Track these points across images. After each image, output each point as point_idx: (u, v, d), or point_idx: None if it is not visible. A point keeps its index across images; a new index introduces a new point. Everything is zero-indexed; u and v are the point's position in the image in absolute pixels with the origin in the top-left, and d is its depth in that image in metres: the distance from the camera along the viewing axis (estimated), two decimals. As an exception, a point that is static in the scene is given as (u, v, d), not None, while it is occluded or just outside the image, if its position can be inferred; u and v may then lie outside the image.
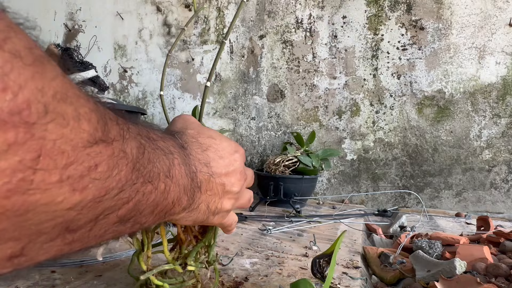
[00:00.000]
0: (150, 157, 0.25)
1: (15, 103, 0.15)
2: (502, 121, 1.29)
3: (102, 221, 0.22)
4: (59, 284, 0.52)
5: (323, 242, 0.81)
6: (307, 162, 1.24)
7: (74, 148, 0.18)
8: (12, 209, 0.16)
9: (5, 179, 0.15)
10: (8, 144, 0.15)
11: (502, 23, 1.28)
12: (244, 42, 1.60)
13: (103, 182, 0.20)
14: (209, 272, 0.59)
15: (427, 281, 0.58)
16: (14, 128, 0.15)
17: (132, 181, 0.23)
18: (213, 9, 1.64)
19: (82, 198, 0.19)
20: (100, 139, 0.20)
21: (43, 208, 0.17)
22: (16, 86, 0.15)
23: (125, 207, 0.23)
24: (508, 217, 1.25)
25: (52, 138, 0.17)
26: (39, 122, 0.16)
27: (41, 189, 0.17)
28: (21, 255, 0.19)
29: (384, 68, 1.41)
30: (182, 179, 0.30)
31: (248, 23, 1.59)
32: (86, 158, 0.19)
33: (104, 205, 0.21)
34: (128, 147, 0.22)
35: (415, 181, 1.38)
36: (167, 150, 0.29)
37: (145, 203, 0.25)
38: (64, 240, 0.20)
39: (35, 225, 0.18)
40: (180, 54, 1.70)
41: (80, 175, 0.19)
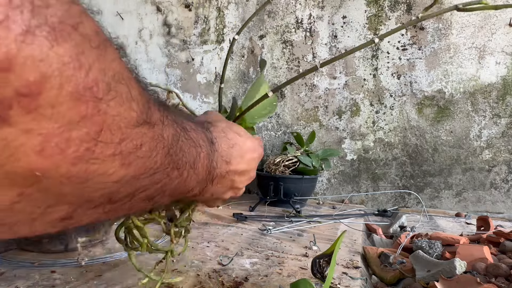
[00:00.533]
0: (182, 146, 0.27)
1: (88, 80, 0.17)
2: (502, 121, 1.29)
3: (135, 197, 0.24)
4: (59, 284, 0.52)
5: (323, 242, 0.81)
6: (307, 162, 1.24)
7: (127, 126, 0.20)
8: (76, 176, 0.18)
9: (74, 147, 0.17)
10: (81, 116, 0.17)
11: (502, 23, 1.28)
12: (244, 42, 1.60)
13: (144, 161, 0.22)
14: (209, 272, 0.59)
15: (427, 281, 0.58)
16: (86, 102, 0.17)
17: (165, 166, 0.25)
18: (213, 9, 1.64)
19: (127, 173, 0.21)
20: (145, 121, 0.22)
21: (97, 178, 0.19)
22: (87, 65, 0.17)
23: (154, 187, 0.25)
24: (508, 217, 1.25)
25: (112, 114, 0.19)
26: (104, 99, 0.18)
27: (99, 160, 0.19)
28: (70, 218, 0.21)
29: (384, 68, 1.41)
30: (202, 172, 0.32)
31: (248, 23, 1.59)
32: (134, 136, 0.21)
33: (140, 183, 0.23)
34: (165, 133, 0.24)
35: (415, 181, 1.38)
36: (197, 142, 0.30)
37: (169, 187, 0.27)
38: (104, 209, 0.22)
39: (88, 193, 0.20)
40: (180, 54, 1.70)
41: (128, 152, 0.20)
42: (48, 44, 0.15)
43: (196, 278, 0.56)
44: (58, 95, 0.16)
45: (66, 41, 0.16)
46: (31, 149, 0.16)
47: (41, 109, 0.15)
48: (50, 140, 0.16)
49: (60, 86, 0.16)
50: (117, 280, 0.54)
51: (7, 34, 0.14)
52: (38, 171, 0.16)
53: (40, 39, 0.15)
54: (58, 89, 0.16)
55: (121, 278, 0.55)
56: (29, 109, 0.15)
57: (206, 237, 0.81)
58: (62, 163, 0.17)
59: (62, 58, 0.16)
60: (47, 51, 0.15)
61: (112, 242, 0.73)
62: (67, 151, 0.17)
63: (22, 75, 0.14)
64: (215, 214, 1.05)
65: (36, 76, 0.15)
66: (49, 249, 0.65)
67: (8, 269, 0.57)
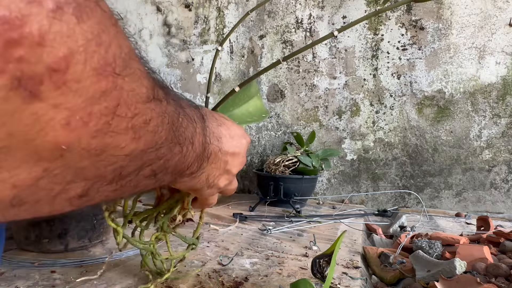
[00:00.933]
0: (183, 122, 0.28)
1: (108, 56, 0.17)
2: (502, 121, 1.29)
3: (141, 173, 0.25)
4: (59, 284, 0.52)
5: (323, 242, 0.81)
6: (307, 162, 1.24)
7: (139, 101, 0.21)
8: (96, 148, 0.19)
9: (95, 120, 0.18)
10: (101, 90, 0.18)
11: (502, 23, 1.28)
12: (244, 42, 1.60)
13: (152, 136, 0.23)
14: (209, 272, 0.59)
15: (427, 281, 0.58)
16: (106, 78, 0.18)
17: (169, 141, 0.26)
18: (213, 9, 1.64)
19: (137, 147, 0.22)
20: (153, 97, 0.22)
21: (111, 151, 0.20)
22: (107, 42, 0.17)
23: (158, 163, 0.26)
24: (508, 217, 1.25)
25: (127, 89, 0.19)
26: (121, 74, 0.19)
27: (114, 133, 0.19)
28: (86, 195, 0.22)
29: (384, 68, 1.41)
30: (198, 147, 0.33)
31: (248, 23, 1.59)
32: (145, 111, 0.21)
33: (147, 156, 0.24)
34: (168, 109, 0.25)
35: (415, 181, 1.38)
36: (192, 118, 0.31)
37: (171, 162, 0.28)
38: (114, 186, 0.23)
39: (103, 167, 0.21)
40: (180, 54, 1.70)
41: (139, 126, 0.21)
42: (75, 20, 0.15)
43: (196, 278, 0.56)
44: (83, 70, 0.16)
45: (89, 18, 0.16)
46: (58, 123, 0.16)
47: (68, 84, 0.16)
48: (75, 114, 0.17)
49: (85, 61, 0.16)
50: (117, 280, 0.54)
51: (40, 10, 0.14)
52: (64, 144, 0.17)
53: (68, 15, 0.15)
54: (83, 64, 0.16)
55: (121, 278, 0.55)
56: (58, 84, 0.16)
57: (206, 237, 0.81)
58: (84, 136, 0.18)
59: (87, 34, 0.16)
60: (73, 27, 0.15)
61: (112, 242, 0.73)
62: (89, 124, 0.18)
63: (52, 50, 0.15)
64: (215, 214, 1.05)
65: (65, 51, 0.15)
66: (49, 249, 0.65)
67: (8, 269, 0.57)
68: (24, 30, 0.14)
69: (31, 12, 0.14)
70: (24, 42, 0.14)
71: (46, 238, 0.64)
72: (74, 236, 0.66)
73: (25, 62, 0.14)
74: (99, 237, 0.71)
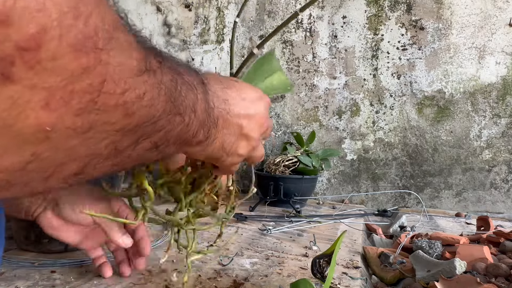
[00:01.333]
0: (181, 91, 0.27)
1: (87, 30, 0.16)
2: (502, 121, 1.29)
3: (139, 146, 0.24)
4: (59, 284, 0.52)
5: (323, 242, 0.81)
6: (307, 162, 1.24)
7: (129, 75, 0.19)
8: (81, 126, 0.18)
9: (77, 99, 0.17)
10: (82, 68, 0.16)
11: (502, 23, 1.28)
12: (244, 42, 1.60)
13: (148, 110, 0.22)
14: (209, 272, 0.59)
15: (427, 281, 0.58)
16: (87, 53, 0.16)
17: (167, 112, 0.24)
18: (213, 9, 1.64)
19: (130, 122, 0.21)
20: (146, 69, 0.21)
21: (101, 127, 0.19)
22: (87, 13, 0.16)
23: (158, 135, 0.25)
24: (508, 217, 1.25)
25: (114, 64, 0.18)
26: (105, 48, 0.17)
27: (101, 110, 0.18)
28: (82, 172, 0.21)
29: (384, 68, 1.41)
30: (201, 114, 0.31)
31: (248, 23, 1.59)
32: (137, 85, 0.20)
33: (143, 130, 0.23)
34: (164, 79, 0.24)
35: (415, 181, 1.38)
36: (191, 84, 0.29)
37: (172, 133, 0.27)
38: (112, 161, 0.23)
39: (93, 144, 0.20)
40: (180, 54, 1.70)
41: (132, 101, 0.20)
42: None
43: (196, 279, 0.56)
44: (58, 47, 0.15)
45: None
46: (37, 104, 0.16)
47: (43, 62, 0.15)
48: (55, 93, 0.16)
49: (60, 37, 0.15)
50: (117, 280, 0.54)
51: None
52: (46, 125, 0.16)
53: None
54: (58, 40, 0.15)
55: (121, 278, 0.55)
56: (31, 63, 0.15)
57: (206, 237, 0.81)
58: (67, 115, 0.17)
59: (61, 7, 0.15)
60: (43, 1, 0.14)
61: (112, 242, 0.73)
62: (71, 102, 0.17)
63: (21, 28, 0.14)
64: (215, 214, 1.05)
65: (35, 28, 0.14)
66: (49, 249, 0.65)
67: (8, 269, 0.57)
68: None
69: None
70: None
71: (46, 238, 0.64)
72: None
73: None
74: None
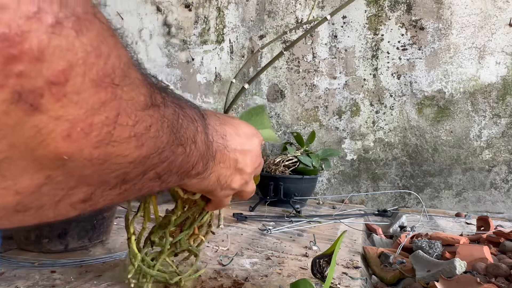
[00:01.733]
0: (182, 123, 0.28)
1: (106, 67, 0.18)
2: (502, 121, 1.29)
3: (145, 176, 0.25)
4: (59, 284, 0.52)
5: (323, 242, 0.81)
6: (307, 162, 1.24)
7: (138, 109, 0.21)
8: (98, 158, 0.19)
9: (96, 131, 0.18)
10: (101, 102, 0.18)
11: (502, 23, 1.28)
12: (244, 42, 1.60)
13: (154, 141, 0.23)
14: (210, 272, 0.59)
15: (427, 281, 0.58)
16: (105, 88, 0.18)
17: (170, 143, 0.26)
18: (213, 9, 1.64)
19: (140, 154, 0.22)
20: (151, 103, 0.23)
21: (115, 160, 0.21)
22: (106, 53, 0.18)
23: (162, 166, 0.26)
24: (508, 217, 1.25)
25: (126, 98, 0.20)
26: (120, 84, 0.19)
27: (117, 142, 0.20)
28: (90, 199, 0.22)
29: (384, 68, 1.41)
30: (201, 146, 0.33)
31: (248, 23, 1.59)
32: (145, 118, 0.22)
33: (151, 161, 0.24)
34: (167, 112, 0.25)
35: (415, 181, 1.38)
36: (192, 117, 0.31)
37: (175, 163, 0.28)
38: (118, 190, 0.24)
39: (105, 174, 0.21)
40: (180, 54, 1.70)
41: (141, 133, 0.22)
42: (74, 34, 0.16)
43: (196, 278, 0.56)
44: (82, 82, 0.17)
45: (89, 30, 0.17)
46: (59, 134, 0.17)
47: (68, 96, 0.16)
48: (76, 125, 0.17)
49: (84, 73, 0.17)
50: (117, 280, 0.54)
51: (39, 26, 0.14)
52: (65, 155, 0.18)
53: (67, 30, 0.16)
54: (82, 76, 0.16)
55: (121, 278, 0.55)
56: (58, 96, 0.16)
57: (206, 237, 0.81)
58: (86, 147, 0.18)
59: (86, 47, 0.16)
60: (73, 41, 0.16)
61: (112, 242, 0.73)
62: (91, 135, 0.18)
63: (51, 64, 0.15)
64: (215, 214, 1.05)
65: (64, 64, 0.16)
66: (49, 249, 0.65)
67: (8, 269, 0.57)
68: (23, 46, 0.14)
69: (30, 28, 0.14)
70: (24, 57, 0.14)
71: (46, 238, 0.64)
72: (74, 236, 0.66)
73: (25, 76, 0.14)
74: (99, 237, 0.71)
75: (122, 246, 0.71)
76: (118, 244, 0.73)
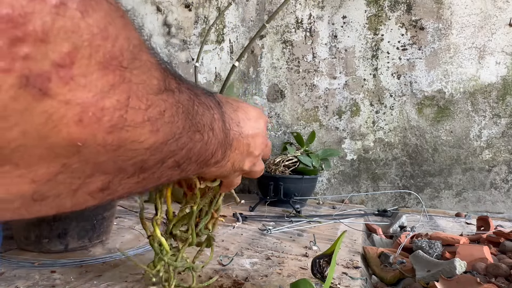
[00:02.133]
0: (198, 110, 0.28)
1: (114, 50, 0.17)
2: (502, 121, 1.29)
3: (164, 165, 0.25)
4: (59, 284, 0.52)
5: (323, 242, 0.81)
6: (307, 162, 1.24)
7: (150, 93, 0.20)
8: (112, 143, 0.19)
9: (108, 116, 0.18)
10: (110, 85, 0.17)
11: (502, 23, 1.28)
12: (244, 42, 1.60)
13: (170, 127, 0.23)
14: (210, 272, 0.59)
15: (427, 281, 0.58)
16: (113, 71, 0.17)
17: (187, 129, 0.25)
18: (213, 9, 1.64)
19: (156, 140, 0.22)
20: (165, 88, 0.22)
21: (130, 146, 0.20)
22: (114, 35, 0.17)
23: (180, 153, 0.26)
24: (508, 217, 1.25)
25: (136, 82, 0.19)
26: (129, 67, 0.18)
27: (131, 127, 0.19)
28: (108, 188, 0.22)
29: (384, 68, 1.41)
30: (220, 134, 0.32)
31: (248, 23, 1.59)
32: (159, 103, 0.21)
33: (168, 148, 0.23)
34: (181, 98, 0.25)
35: (415, 181, 1.38)
36: (208, 105, 0.31)
37: (194, 151, 0.28)
38: (137, 179, 0.23)
39: (122, 161, 0.21)
40: (180, 54, 1.70)
41: (155, 118, 0.21)
42: (79, 15, 0.15)
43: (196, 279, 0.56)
44: (88, 65, 0.16)
45: (95, 11, 0.16)
46: (71, 119, 0.16)
47: (75, 78, 0.16)
48: (87, 109, 0.17)
49: (90, 56, 0.16)
50: (117, 280, 0.54)
51: (42, 7, 0.14)
52: (79, 141, 0.17)
53: (72, 10, 0.15)
54: (88, 58, 0.16)
55: (121, 278, 0.55)
56: (66, 79, 0.15)
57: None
58: (99, 132, 0.18)
59: (92, 28, 0.16)
60: (78, 22, 0.15)
61: (112, 242, 0.73)
62: (103, 119, 0.18)
63: (57, 46, 0.15)
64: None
65: (69, 47, 0.15)
66: (49, 249, 0.65)
67: (8, 269, 0.57)
68: (27, 28, 0.14)
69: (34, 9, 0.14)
70: (29, 39, 0.14)
71: (46, 238, 0.64)
72: (74, 236, 0.66)
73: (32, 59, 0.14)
74: (99, 237, 0.71)
75: (122, 246, 0.71)
76: (118, 244, 0.73)
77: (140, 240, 0.76)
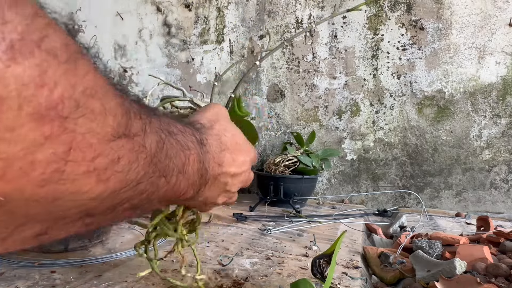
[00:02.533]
0: (168, 152, 0.26)
1: (51, 99, 0.16)
2: (502, 121, 1.29)
3: (118, 209, 0.23)
4: (59, 284, 0.52)
5: (323, 242, 0.81)
6: (307, 162, 1.24)
7: (100, 141, 0.19)
8: (45, 197, 0.17)
9: (40, 169, 0.16)
10: (44, 137, 0.16)
11: (502, 23, 1.28)
12: (244, 42, 1.60)
13: (124, 175, 0.21)
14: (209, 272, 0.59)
15: (427, 281, 0.58)
16: (50, 122, 0.16)
17: (149, 175, 0.24)
18: (213, 9, 1.64)
19: (105, 189, 0.20)
20: (123, 134, 0.21)
21: (70, 197, 0.19)
22: (52, 83, 0.16)
23: (139, 198, 0.24)
24: (508, 217, 1.25)
25: (81, 131, 0.18)
26: (71, 117, 0.17)
27: (70, 179, 0.18)
28: (45, 233, 0.20)
29: (384, 68, 1.41)
30: (193, 175, 0.31)
31: (248, 23, 1.59)
32: (110, 151, 0.20)
33: (122, 195, 0.22)
34: (148, 141, 0.23)
35: (415, 181, 1.38)
36: (185, 145, 0.29)
37: (157, 194, 0.26)
38: (83, 222, 0.22)
39: (62, 211, 0.19)
40: (180, 54, 1.70)
41: (104, 168, 0.19)
42: (7, 63, 0.14)
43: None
44: (17, 117, 0.15)
45: (26, 59, 0.15)
46: None
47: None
48: (12, 164, 0.15)
49: (19, 107, 0.15)
50: (117, 280, 0.54)
51: None
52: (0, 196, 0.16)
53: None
54: (17, 110, 0.15)
55: (121, 278, 0.55)
56: None
57: (206, 237, 0.81)
58: (27, 186, 0.16)
59: (21, 78, 0.15)
60: (2, 73, 0.14)
61: (112, 242, 0.73)
62: (32, 174, 0.16)
63: None
64: (215, 214, 1.05)
65: None
66: (49, 249, 0.65)
67: (8, 269, 0.57)
68: None
69: None
70: None
71: (46, 238, 0.64)
72: (74, 236, 0.66)
73: None
74: (99, 237, 0.71)
75: (122, 246, 0.71)
76: (118, 244, 0.73)
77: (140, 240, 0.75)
